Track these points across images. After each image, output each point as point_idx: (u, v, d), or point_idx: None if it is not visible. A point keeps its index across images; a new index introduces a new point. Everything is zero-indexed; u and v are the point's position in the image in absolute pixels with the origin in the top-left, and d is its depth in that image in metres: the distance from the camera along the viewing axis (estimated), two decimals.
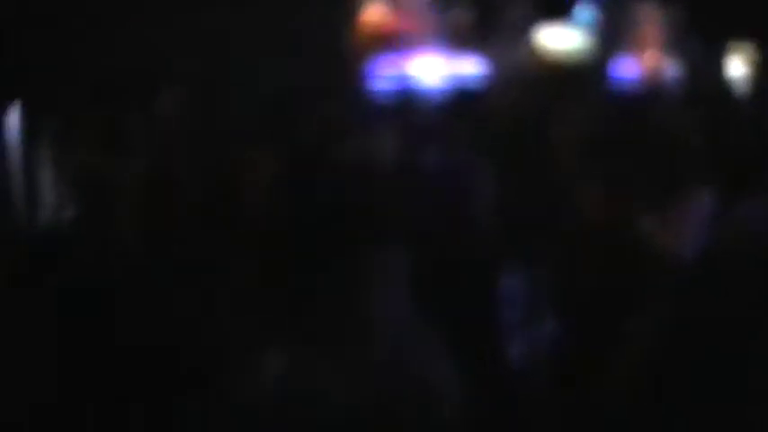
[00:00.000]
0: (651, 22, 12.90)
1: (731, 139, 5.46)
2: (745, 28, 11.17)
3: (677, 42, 12.24)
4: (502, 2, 9.11)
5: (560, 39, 11.76)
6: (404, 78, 10.34)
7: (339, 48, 8.51)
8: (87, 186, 4.44)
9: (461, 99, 8.78)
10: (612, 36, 12.39)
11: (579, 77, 10.30)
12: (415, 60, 11.00)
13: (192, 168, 5.19)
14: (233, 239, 4.32)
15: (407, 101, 8.71)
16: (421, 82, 10.48)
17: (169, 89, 7.26)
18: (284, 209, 4.76)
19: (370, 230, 3.15)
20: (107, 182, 4.33)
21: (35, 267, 3.74)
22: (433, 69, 10.66)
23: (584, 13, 12.12)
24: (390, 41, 10.97)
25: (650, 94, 10.06)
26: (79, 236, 4.19)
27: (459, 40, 10.03)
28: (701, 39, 11.89)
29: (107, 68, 7.94)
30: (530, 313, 4.15)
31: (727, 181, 4.48)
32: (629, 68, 11.57)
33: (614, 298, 3.68)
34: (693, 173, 4.52)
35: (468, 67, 9.42)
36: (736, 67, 12.54)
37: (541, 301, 4.19)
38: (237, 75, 7.90)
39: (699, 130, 5.44)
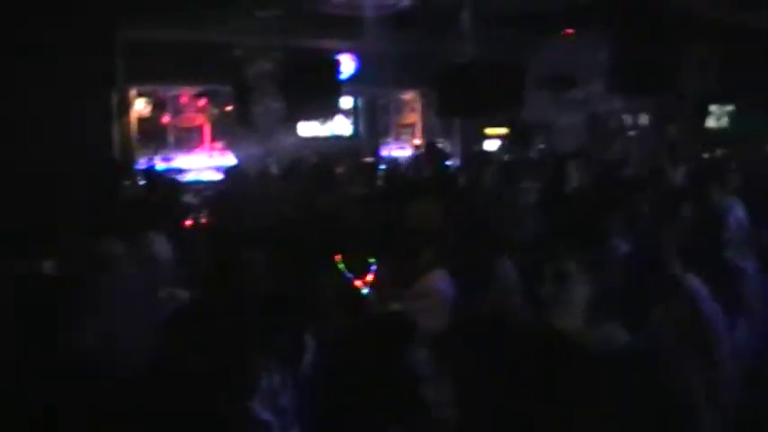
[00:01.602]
0: (411, 109, 14.17)
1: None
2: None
3: (439, 127, 13.46)
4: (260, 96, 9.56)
5: (326, 127, 12.75)
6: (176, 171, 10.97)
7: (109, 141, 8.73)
8: None
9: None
10: (373, 121, 13.54)
11: (346, 160, 10.94)
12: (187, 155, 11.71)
13: None
14: None
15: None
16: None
17: None
18: None
19: None
20: None
21: None
22: (203, 162, 11.37)
23: (348, 102, 13.12)
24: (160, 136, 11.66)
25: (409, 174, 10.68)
26: None
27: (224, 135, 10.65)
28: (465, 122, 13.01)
29: None
30: None
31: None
32: (393, 149, 12.55)
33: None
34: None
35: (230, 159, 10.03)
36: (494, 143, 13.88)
37: None
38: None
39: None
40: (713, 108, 15.90)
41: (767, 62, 14.04)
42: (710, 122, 16.00)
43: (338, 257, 4.32)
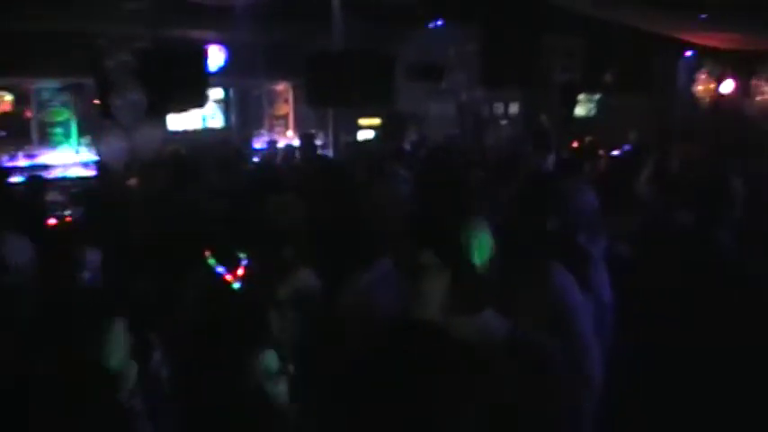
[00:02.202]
0: (284, 100, 14.08)
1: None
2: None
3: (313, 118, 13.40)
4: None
5: (197, 119, 12.52)
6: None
7: None
8: None
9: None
10: (246, 113, 13.39)
11: (217, 151, 10.78)
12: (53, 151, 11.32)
13: None
14: None
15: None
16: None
17: None
18: None
19: None
20: None
21: None
22: (69, 158, 11.02)
23: (219, 93, 12.93)
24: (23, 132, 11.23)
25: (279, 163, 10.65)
26: None
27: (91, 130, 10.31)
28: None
29: None
30: None
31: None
32: (263, 140, 12.43)
33: None
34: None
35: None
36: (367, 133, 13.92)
37: None
38: None
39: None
40: (581, 97, 16.38)
41: (629, 53, 14.60)
42: (579, 111, 16.49)
43: (207, 252, 4.22)
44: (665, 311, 3.77)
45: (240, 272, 4.20)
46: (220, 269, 4.11)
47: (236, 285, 4.15)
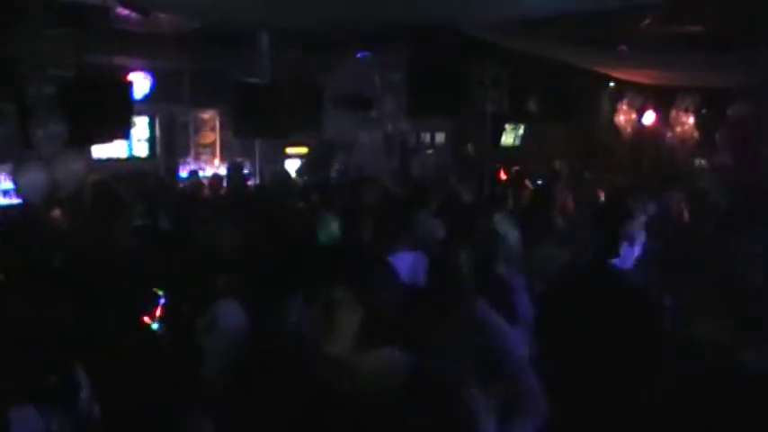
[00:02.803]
0: (211, 128, 13.97)
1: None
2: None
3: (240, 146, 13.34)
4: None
5: (121, 148, 12.34)
6: None
7: None
8: None
9: None
10: (171, 141, 13.24)
11: (143, 179, 10.66)
12: None
13: None
14: None
15: None
16: None
17: None
18: None
19: None
20: None
21: None
22: None
23: (143, 121, 12.78)
24: None
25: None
26: None
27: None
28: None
29: None
30: None
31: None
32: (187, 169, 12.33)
33: None
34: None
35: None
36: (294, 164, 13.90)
37: None
38: None
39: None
40: (507, 126, 16.62)
41: (552, 82, 14.90)
42: (505, 140, 16.73)
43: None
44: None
45: (158, 312, 4.15)
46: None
47: (155, 326, 4.09)
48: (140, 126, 12.59)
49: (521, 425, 3.52)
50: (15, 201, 9.43)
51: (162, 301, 4.19)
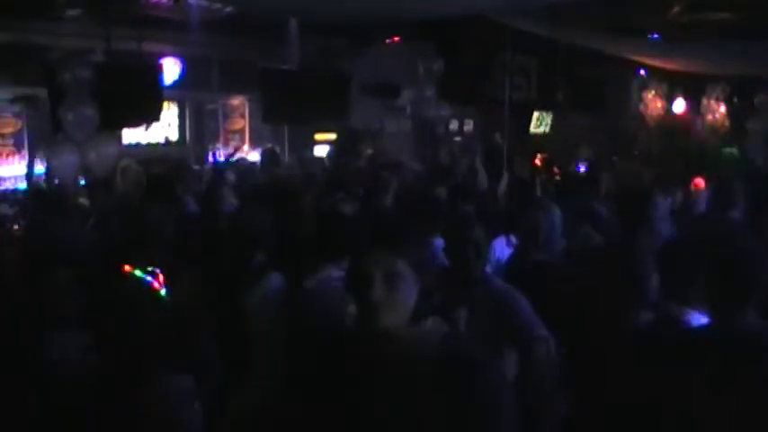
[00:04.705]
0: (240, 114, 14.07)
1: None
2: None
3: (269, 132, 13.42)
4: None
5: (151, 133, 12.46)
6: None
7: None
8: None
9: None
10: (201, 127, 13.35)
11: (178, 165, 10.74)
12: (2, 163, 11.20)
13: None
14: None
15: None
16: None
17: None
18: None
19: None
20: None
21: None
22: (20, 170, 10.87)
23: (173, 107, 12.89)
24: None
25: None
26: None
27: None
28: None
29: None
30: None
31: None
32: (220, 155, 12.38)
33: None
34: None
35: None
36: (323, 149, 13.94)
37: None
38: None
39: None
40: (535, 115, 16.60)
41: (582, 72, 14.85)
42: (533, 128, 16.71)
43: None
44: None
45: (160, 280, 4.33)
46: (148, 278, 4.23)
47: (163, 292, 4.25)
48: (170, 112, 12.70)
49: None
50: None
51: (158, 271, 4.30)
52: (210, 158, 11.62)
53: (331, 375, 2.70)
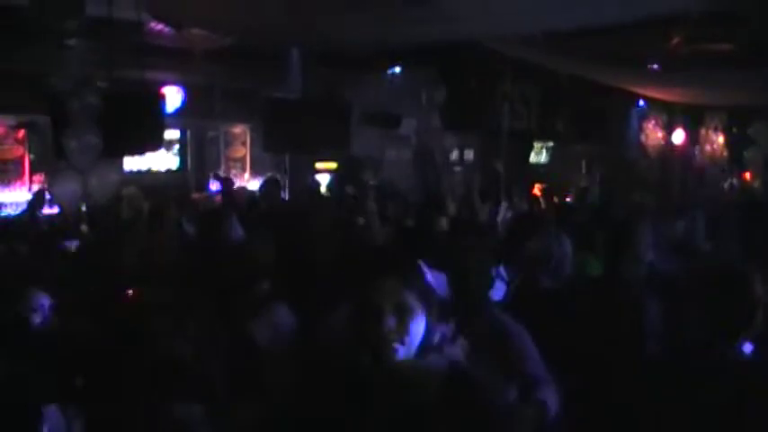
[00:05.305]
0: (241, 142, 14.11)
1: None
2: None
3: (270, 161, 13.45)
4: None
5: (150, 161, 12.49)
6: None
7: None
8: None
9: None
10: (202, 155, 13.40)
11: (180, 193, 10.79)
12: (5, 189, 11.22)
13: None
14: None
15: None
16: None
17: None
18: None
19: None
20: None
21: None
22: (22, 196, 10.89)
23: (175, 134, 12.92)
24: None
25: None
26: None
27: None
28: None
29: None
30: None
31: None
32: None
33: None
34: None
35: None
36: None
37: None
38: None
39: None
40: (535, 144, 16.66)
41: (579, 102, 14.90)
42: (533, 158, 16.76)
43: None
44: None
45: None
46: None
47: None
48: (172, 139, 12.73)
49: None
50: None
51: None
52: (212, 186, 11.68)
53: (344, 413, 2.68)
